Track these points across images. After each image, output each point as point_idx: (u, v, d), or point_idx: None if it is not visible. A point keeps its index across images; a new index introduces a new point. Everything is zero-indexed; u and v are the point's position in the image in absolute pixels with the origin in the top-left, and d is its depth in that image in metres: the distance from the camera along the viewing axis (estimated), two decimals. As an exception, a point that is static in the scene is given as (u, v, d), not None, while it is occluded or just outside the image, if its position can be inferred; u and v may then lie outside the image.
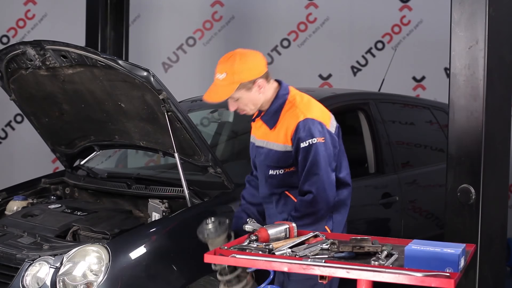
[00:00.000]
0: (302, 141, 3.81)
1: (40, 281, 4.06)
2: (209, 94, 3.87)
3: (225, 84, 3.78)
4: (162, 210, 4.45)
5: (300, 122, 3.82)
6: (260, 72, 3.82)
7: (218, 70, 3.82)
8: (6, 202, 5.19)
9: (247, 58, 3.80)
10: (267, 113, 3.92)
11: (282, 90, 3.93)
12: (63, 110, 4.96)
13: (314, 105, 3.94)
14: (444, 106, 5.77)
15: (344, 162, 4.06)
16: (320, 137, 3.81)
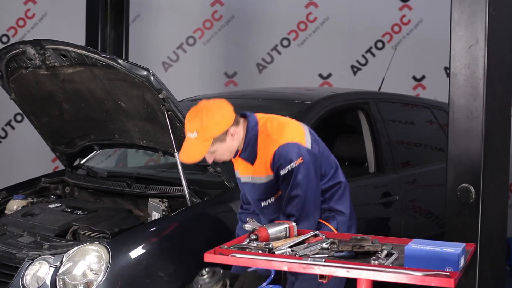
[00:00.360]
0: (282, 169, 3.82)
1: (40, 280, 4.07)
2: (185, 155, 3.79)
3: (199, 142, 3.72)
4: (162, 210, 4.45)
5: (275, 151, 3.81)
6: (229, 121, 3.77)
7: (188, 129, 3.74)
8: (6, 201, 5.20)
9: (214, 112, 3.73)
10: (244, 151, 3.90)
11: (250, 123, 3.90)
12: (63, 109, 4.96)
13: (286, 127, 3.91)
14: (444, 105, 5.78)
15: (328, 168, 4.03)
16: (298, 159, 3.81)
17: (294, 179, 3.81)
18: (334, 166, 4.07)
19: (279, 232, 3.55)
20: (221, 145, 3.78)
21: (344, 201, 4.06)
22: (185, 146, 3.77)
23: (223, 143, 3.78)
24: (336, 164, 4.09)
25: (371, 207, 5.35)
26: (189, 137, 3.73)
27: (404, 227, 5.54)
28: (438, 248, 3.10)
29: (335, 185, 4.04)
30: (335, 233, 3.83)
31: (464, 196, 4.16)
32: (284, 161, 3.80)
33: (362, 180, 5.44)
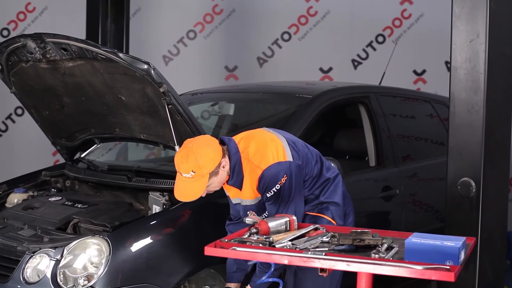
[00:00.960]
0: (268, 191, 3.88)
1: (40, 273, 4.07)
2: (183, 195, 3.85)
3: (196, 180, 3.78)
4: (163, 203, 4.45)
5: (259, 177, 3.87)
6: (220, 154, 3.85)
7: (183, 170, 3.77)
8: (6, 195, 5.20)
9: (205, 149, 3.79)
10: (231, 178, 3.95)
11: (231, 150, 3.93)
12: (64, 103, 4.96)
13: (264, 150, 3.92)
14: (445, 99, 5.77)
15: (309, 171, 4.05)
16: (282, 177, 3.87)
17: (280, 197, 3.87)
18: (318, 167, 4.09)
19: (279, 226, 3.56)
20: (215, 178, 3.86)
21: (335, 194, 4.09)
22: (180, 186, 3.83)
23: (217, 176, 3.86)
24: (319, 163, 4.11)
25: (371, 201, 5.35)
26: (185, 177, 3.77)
27: (405, 221, 5.55)
28: (438, 242, 3.10)
29: (323, 183, 4.07)
30: (336, 227, 3.84)
31: (465, 190, 4.16)
32: (269, 184, 3.86)
33: (363, 174, 5.45)
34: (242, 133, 4.10)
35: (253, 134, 4.05)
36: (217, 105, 6.20)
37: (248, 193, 3.96)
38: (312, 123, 5.14)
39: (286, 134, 4.10)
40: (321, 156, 4.17)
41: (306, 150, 4.06)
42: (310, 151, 4.10)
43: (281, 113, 5.39)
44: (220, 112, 6.13)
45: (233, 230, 4.07)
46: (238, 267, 4.11)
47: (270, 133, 4.05)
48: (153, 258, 4.09)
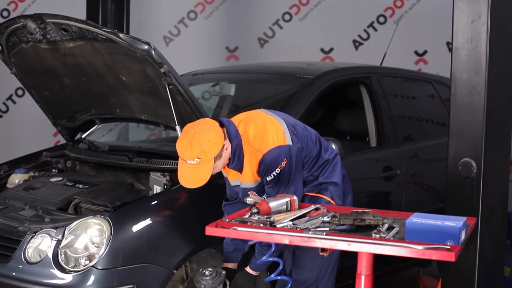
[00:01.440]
0: (268, 175, 3.88)
1: (42, 253, 4.08)
2: (190, 181, 3.83)
3: (202, 165, 3.76)
4: (164, 183, 4.45)
5: (260, 161, 3.87)
6: (222, 137, 3.83)
7: (188, 157, 3.75)
8: (7, 175, 5.21)
9: (209, 134, 3.78)
10: (232, 161, 3.94)
11: (231, 133, 3.92)
12: (64, 84, 4.95)
13: (264, 133, 3.91)
14: (446, 80, 5.76)
15: (309, 153, 4.05)
16: (282, 161, 3.86)
17: (280, 180, 3.87)
18: (317, 148, 4.09)
19: (280, 206, 3.56)
20: (219, 161, 3.85)
21: (334, 174, 4.11)
22: (186, 173, 3.80)
23: (220, 159, 3.85)
24: (318, 145, 4.11)
25: (372, 181, 5.36)
26: (190, 164, 3.75)
27: (405, 201, 5.56)
28: (439, 222, 3.10)
29: (323, 164, 4.08)
30: (336, 207, 3.84)
31: (466, 170, 4.16)
32: (270, 168, 3.86)
33: (364, 154, 5.45)
34: (240, 114, 4.09)
35: (252, 117, 4.04)
36: (217, 86, 6.20)
37: (248, 176, 3.96)
38: (313, 104, 5.13)
39: (285, 116, 4.09)
40: (320, 137, 4.17)
41: (305, 133, 4.06)
42: (309, 132, 4.10)
43: (282, 93, 5.39)
44: (221, 92, 6.13)
45: (229, 211, 4.08)
46: (235, 248, 4.12)
47: (269, 115, 4.03)
48: (154, 238, 4.10)
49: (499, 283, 4.51)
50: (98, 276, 3.94)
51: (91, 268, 3.95)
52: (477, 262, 4.16)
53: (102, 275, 3.94)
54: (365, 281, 3.35)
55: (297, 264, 4.12)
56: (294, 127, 4.00)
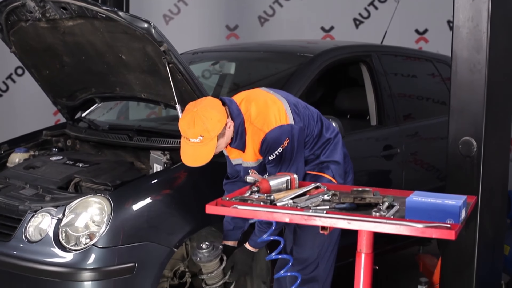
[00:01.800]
0: (270, 154, 3.87)
1: (42, 232, 4.09)
2: (193, 159, 3.80)
3: (205, 143, 3.74)
4: (164, 162, 4.45)
5: (262, 140, 3.86)
6: (225, 115, 3.82)
7: (191, 135, 3.72)
8: (8, 154, 5.21)
9: (211, 112, 3.75)
10: (234, 141, 3.93)
11: (233, 112, 3.91)
12: (64, 62, 4.94)
13: (267, 112, 3.90)
14: (447, 58, 5.75)
15: (310, 132, 4.04)
16: (284, 141, 3.86)
17: (282, 160, 3.87)
18: (318, 127, 4.09)
19: (280, 184, 3.56)
20: (222, 139, 3.83)
21: (336, 153, 4.10)
22: (189, 151, 3.77)
23: (223, 137, 3.83)
24: (320, 124, 4.11)
25: (372, 159, 5.36)
26: (193, 142, 3.73)
27: (405, 179, 5.56)
28: (439, 200, 3.10)
29: (324, 143, 4.08)
30: (337, 185, 3.84)
31: (466, 149, 4.16)
32: (272, 147, 3.85)
33: (364, 133, 5.45)
34: (241, 93, 4.08)
35: (254, 95, 4.02)
36: (218, 64, 6.19)
37: (250, 155, 3.96)
38: (313, 82, 5.13)
39: (286, 95, 4.08)
40: (321, 116, 4.17)
41: (307, 111, 4.05)
42: (311, 111, 4.10)
43: (282, 72, 5.38)
44: (221, 71, 6.12)
45: (230, 189, 4.08)
46: (235, 226, 4.13)
47: (271, 94, 4.02)
48: (155, 217, 4.10)
49: (499, 261, 4.53)
50: (99, 254, 3.95)
51: (91, 247, 3.95)
52: (477, 241, 4.17)
53: (102, 253, 3.95)
54: (365, 259, 3.36)
55: (298, 243, 4.13)
56: (295, 106, 3.99)
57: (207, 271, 4.11)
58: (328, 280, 4.23)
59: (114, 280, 3.97)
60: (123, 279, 3.99)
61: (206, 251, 3.99)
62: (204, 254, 4.00)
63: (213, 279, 4.14)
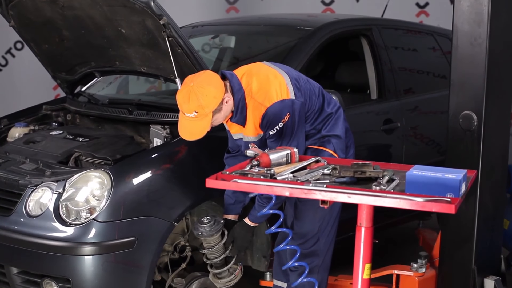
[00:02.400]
0: (271, 129, 3.87)
1: (43, 206, 4.09)
2: (188, 133, 3.85)
3: (199, 119, 3.77)
4: (164, 136, 4.45)
5: (263, 115, 3.86)
6: (222, 91, 3.81)
7: (186, 110, 3.76)
8: (7, 129, 5.20)
9: (207, 88, 3.76)
10: (235, 115, 3.94)
11: (235, 86, 3.90)
12: (63, 36, 4.92)
13: (268, 87, 3.89)
14: (448, 32, 5.72)
15: (312, 106, 4.04)
16: (285, 115, 3.86)
17: (283, 134, 3.88)
18: (320, 102, 4.08)
19: (280, 158, 3.56)
20: (218, 114, 3.84)
21: (337, 127, 4.10)
22: (185, 125, 3.82)
23: (220, 112, 3.84)
24: (321, 98, 4.10)
25: (372, 133, 5.36)
26: (188, 116, 3.76)
27: (406, 154, 5.56)
28: (439, 174, 3.10)
29: (325, 117, 4.07)
30: (337, 159, 3.84)
31: (466, 123, 4.15)
32: (273, 122, 3.85)
33: (364, 107, 5.44)
34: (243, 67, 4.07)
35: (255, 70, 4.01)
36: (218, 38, 6.17)
37: (251, 130, 3.95)
38: (313, 56, 5.11)
39: (288, 69, 4.07)
40: (323, 90, 4.16)
41: (308, 86, 4.04)
42: (312, 86, 4.09)
43: (283, 45, 5.36)
44: (221, 45, 6.10)
45: (231, 163, 4.08)
46: (236, 200, 4.14)
47: (272, 68, 4.01)
48: (155, 191, 4.10)
49: (498, 235, 4.54)
50: (99, 229, 3.96)
51: (92, 221, 3.96)
52: (477, 215, 4.18)
53: (103, 228, 3.96)
54: (365, 233, 3.37)
55: (298, 217, 4.14)
56: (297, 80, 3.98)
57: (208, 246, 4.12)
58: (329, 254, 4.24)
59: (114, 254, 3.98)
60: (123, 253, 4.00)
61: (207, 226, 4.01)
62: (206, 229, 4.01)
63: (214, 254, 4.15)
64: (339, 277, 4.64)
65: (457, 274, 4.27)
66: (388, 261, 4.66)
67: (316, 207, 3.74)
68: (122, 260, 4.02)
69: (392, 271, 4.47)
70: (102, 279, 3.99)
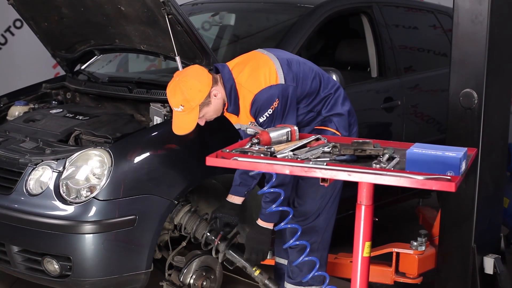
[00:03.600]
0: (260, 116, 3.88)
1: (43, 185, 4.10)
2: (178, 128, 3.89)
3: (187, 113, 3.81)
4: (164, 114, 4.44)
5: (252, 102, 3.86)
6: (208, 84, 3.83)
7: (173, 104, 3.82)
8: (7, 108, 5.20)
9: (191, 82, 3.79)
10: (229, 105, 3.95)
11: (225, 76, 3.91)
12: (63, 14, 4.90)
13: (256, 73, 3.89)
14: (448, 10, 5.71)
15: (308, 89, 4.03)
16: (274, 102, 3.85)
17: (275, 120, 3.87)
18: (316, 83, 4.06)
19: (280, 136, 3.55)
20: (208, 108, 3.86)
21: (337, 106, 4.10)
22: (175, 120, 3.87)
23: (209, 106, 3.86)
24: (318, 80, 4.08)
25: (373, 112, 5.35)
26: (176, 111, 3.81)
27: (406, 132, 5.56)
28: (439, 152, 3.09)
29: (323, 98, 4.06)
30: (337, 137, 3.84)
31: (467, 101, 4.14)
32: (262, 108, 3.86)
33: (364, 85, 5.43)
34: (238, 57, 4.07)
35: (248, 58, 4.02)
36: (217, 16, 6.15)
37: (244, 118, 3.97)
38: (313, 34, 5.10)
39: (281, 54, 4.05)
40: (321, 72, 4.13)
41: (302, 68, 4.01)
42: (307, 68, 4.06)
43: (283, 23, 5.34)
44: (221, 22, 6.07)
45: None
46: (241, 182, 4.14)
47: (264, 55, 4.00)
48: (155, 169, 4.11)
49: (498, 214, 4.54)
50: (100, 207, 3.96)
51: (92, 199, 3.97)
52: (477, 193, 4.18)
53: (103, 206, 3.97)
54: (365, 211, 3.36)
55: (299, 195, 4.14)
56: (289, 65, 3.96)
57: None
58: (328, 232, 4.24)
59: (115, 232, 3.99)
60: (124, 232, 4.01)
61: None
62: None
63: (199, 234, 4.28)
64: (339, 255, 4.65)
65: (456, 252, 4.27)
66: (388, 239, 4.68)
67: (318, 185, 3.73)
68: (122, 238, 4.02)
69: (392, 249, 4.48)
70: (102, 257, 4.00)
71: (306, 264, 4.06)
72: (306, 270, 4.08)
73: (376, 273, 4.47)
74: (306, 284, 4.15)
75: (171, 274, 4.47)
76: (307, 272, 4.00)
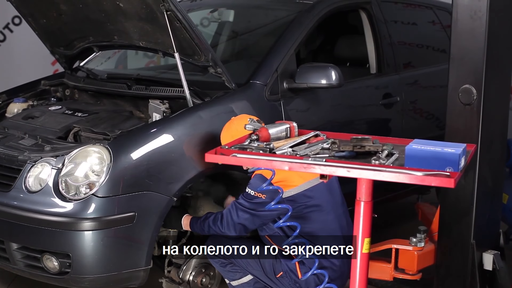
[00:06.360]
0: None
1: (42, 182, 4.09)
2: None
3: None
4: (163, 111, 4.44)
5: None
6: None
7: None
8: (6, 105, 5.19)
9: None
10: None
11: None
12: (61, 11, 4.89)
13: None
14: (447, 6, 5.71)
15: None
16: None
17: None
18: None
19: (280, 132, 3.55)
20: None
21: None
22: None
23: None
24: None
25: (372, 108, 5.35)
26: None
27: (405, 128, 5.56)
28: (438, 148, 3.10)
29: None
30: (336, 133, 3.83)
31: (466, 97, 4.14)
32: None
33: (363, 81, 5.43)
34: None
35: None
36: (216, 12, 6.14)
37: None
38: (312, 30, 5.09)
39: None
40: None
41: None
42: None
43: (282, 19, 5.34)
44: (220, 18, 6.07)
45: None
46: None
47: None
48: (154, 166, 4.10)
49: (497, 210, 4.54)
50: (99, 204, 3.96)
51: (91, 196, 3.96)
52: (476, 189, 4.17)
53: (102, 203, 3.96)
54: (364, 207, 3.37)
55: None
56: None
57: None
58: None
59: (114, 229, 3.99)
60: (123, 228, 4.01)
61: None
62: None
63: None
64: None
65: (456, 249, 4.27)
66: (387, 235, 4.67)
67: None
68: (121, 235, 4.02)
69: (391, 245, 4.47)
70: (101, 254, 4.00)
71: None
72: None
73: (375, 269, 4.47)
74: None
75: (171, 270, 4.48)
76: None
